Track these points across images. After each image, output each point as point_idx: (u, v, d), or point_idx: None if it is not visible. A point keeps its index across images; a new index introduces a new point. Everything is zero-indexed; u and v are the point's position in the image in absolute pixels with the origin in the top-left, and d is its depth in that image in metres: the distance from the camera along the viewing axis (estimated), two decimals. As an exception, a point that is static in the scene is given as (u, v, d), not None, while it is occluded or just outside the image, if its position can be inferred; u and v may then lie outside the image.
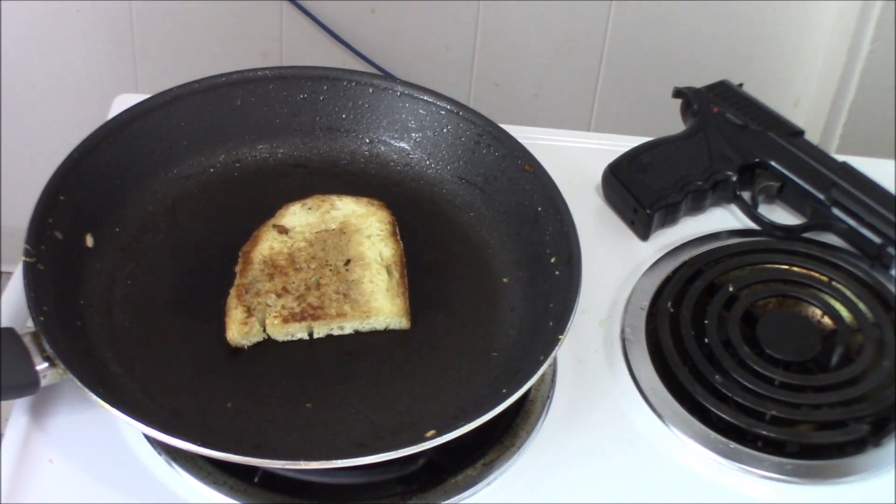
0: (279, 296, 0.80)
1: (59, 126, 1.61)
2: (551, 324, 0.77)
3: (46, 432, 0.75)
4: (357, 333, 0.80)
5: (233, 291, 0.80)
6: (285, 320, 0.79)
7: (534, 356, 0.75)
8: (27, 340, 0.72)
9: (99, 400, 0.68)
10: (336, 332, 0.80)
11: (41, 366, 0.71)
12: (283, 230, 0.84)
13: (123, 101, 0.98)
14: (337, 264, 0.82)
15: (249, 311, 0.79)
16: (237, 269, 0.82)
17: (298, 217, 0.85)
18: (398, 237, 0.85)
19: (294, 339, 0.79)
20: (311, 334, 0.79)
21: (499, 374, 0.78)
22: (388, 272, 0.82)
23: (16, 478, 0.73)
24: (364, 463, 0.68)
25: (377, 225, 0.85)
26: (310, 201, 0.86)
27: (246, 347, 0.79)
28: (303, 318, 0.79)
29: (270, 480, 0.74)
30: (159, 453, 0.75)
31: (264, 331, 0.79)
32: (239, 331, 0.78)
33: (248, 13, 1.51)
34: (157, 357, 0.77)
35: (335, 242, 0.84)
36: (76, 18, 1.52)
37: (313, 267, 0.82)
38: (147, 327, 0.79)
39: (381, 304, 0.80)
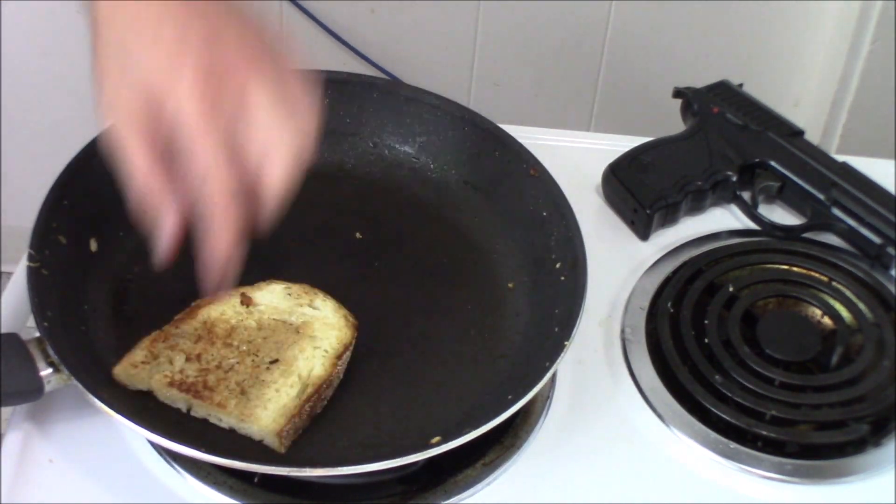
0: (188, 360, 0.75)
1: (59, 126, 1.60)
2: (557, 329, 0.77)
3: (47, 432, 0.75)
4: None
5: (153, 334, 0.76)
6: (171, 384, 0.74)
7: (539, 362, 0.75)
8: (31, 346, 0.71)
9: (104, 406, 0.68)
10: (213, 421, 0.74)
11: (45, 371, 0.71)
12: (247, 301, 0.79)
13: (124, 102, 0.98)
14: (263, 359, 0.77)
15: (153, 358, 0.75)
16: (177, 317, 0.78)
17: (273, 296, 0.80)
18: (341, 362, 0.77)
19: (173, 406, 0.74)
20: (189, 409, 0.74)
21: (504, 379, 0.78)
22: (302, 390, 0.75)
23: (16, 478, 0.73)
24: (368, 470, 0.68)
25: (332, 342, 0.78)
26: (295, 288, 0.81)
27: (127, 388, 0.74)
28: (187, 391, 0.74)
29: (270, 481, 0.73)
30: (159, 454, 0.75)
31: (149, 383, 0.75)
32: (125, 371, 0.74)
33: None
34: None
35: (281, 338, 0.78)
36: (76, 18, 1.52)
37: (242, 349, 0.77)
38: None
39: (264, 415, 0.73)
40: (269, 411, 0.73)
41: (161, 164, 0.65)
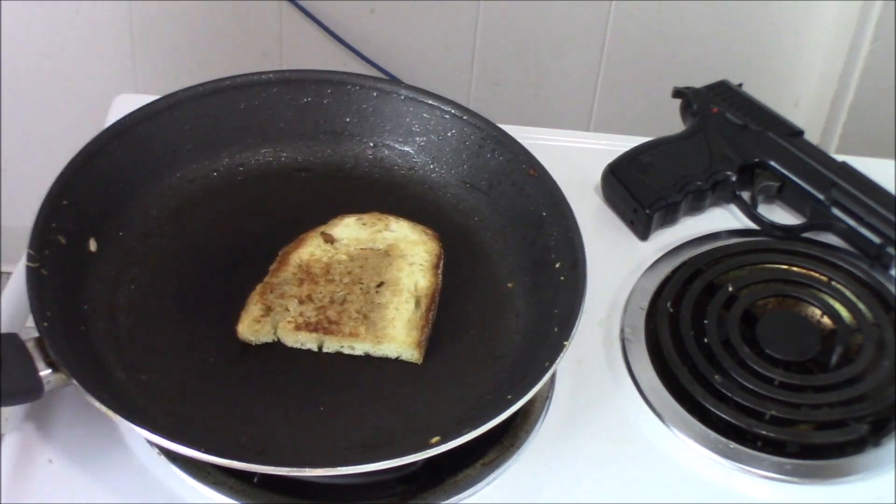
0: (301, 302, 0.79)
1: (59, 126, 1.61)
2: (556, 329, 0.77)
3: (46, 432, 0.75)
4: (367, 355, 0.80)
5: (259, 287, 0.80)
6: (298, 328, 0.78)
7: (539, 362, 0.75)
8: (30, 346, 0.71)
9: (103, 407, 0.68)
10: (346, 351, 0.79)
11: (44, 371, 0.71)
12: (329, 239, 0.83)
13: (123, 101, 0.98)
14: (369, 284, 0.81)
15: (267, 310, 0.79)
16: (271, 267, 0.82)
17: (350, 230, 0.85)
18: (439, 272, 0.84)
19: (303, 347, 0.79)
20: (320, 347, 0.79)
21: (504, 379, 0.78)
22: (417, 304, 0.81)
23: (16, 478, 0.73)
24: (368, 470, 0.68)
25: (423, 255, 0.84)
26: (366, 217, 0.86)
27: (253, 344, 0.78)
28: (315, 330, 0.78)
29: (270, 480, 0.74)
30: (159, 454, 0.75)
31: (275, 333, 0.79)
32: (250, 327, 0.78)
33: (248, 13, 1.51)
34: (161, 362, 0.77)
35: (376, 263, 0.83)
36: (76, 18, 1.52)
37: (345, 282, 0.81)
38: (151, 332, 0.79)
39: (397, 333, 0.79)
40: (398, 329, 0.79)
41: None
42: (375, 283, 0.82)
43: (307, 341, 0.78)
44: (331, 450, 0.73)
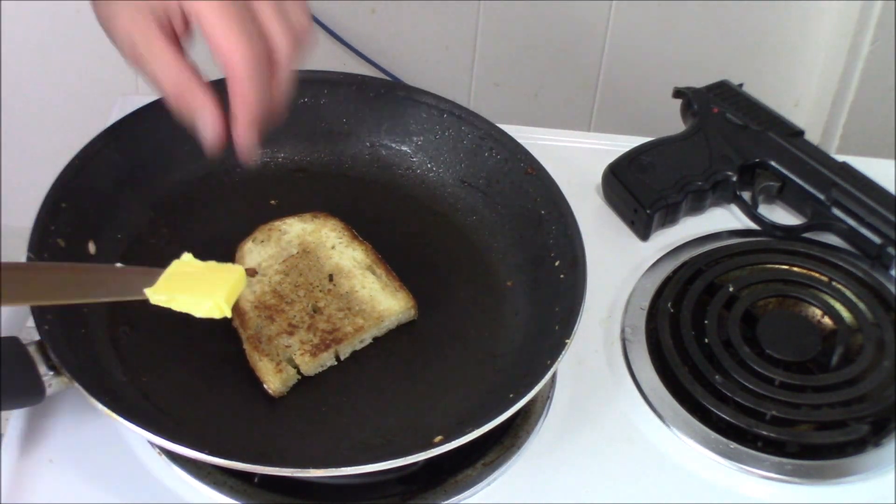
0: (290, 333, 0.78)
1: (59, 126, 1.60)
2: (557, 327, 0.77)
3: (47, 432, 0.75)
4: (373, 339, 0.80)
5: (246, 349, 0.78)
6: (313, 354, 0.77)
7: (540, 360, 0.75)
8: (31, 350, 0.71)
9: (106, 409, 0.68)
10: (358, 347, 0.79)
11: (46, 375, 0.71)
12: (252, 273, 0.80)
13: (123, 102, 0.98)
14: (323, 284, 0.81)
15: (276, 358, 0.77)
16: (235, 324, 0.79)
17: (257, 254, 0.83)
18: (360, 238, 0.84)
19: (325, 368, 0.78)
20: (338, 358, 0.78)
21: (505, 378, 0.77)
22: (373, 272, 0.82)
23: (16, 478, 0.73)
24: (370, 470, 0.68)
25: (333, 235, 0.84)
26: (258, 234, 0.84)
27: (286, 394, 0.76)
28: (327, 347, 0.77)
29: (270, 480, 0.74)
30: (159, 454, 0.75)
31: (298, 372, 0.77)
32: (278, 379, 0.76)
33: (249, 13, 1.51)
34: (162, 364, 0.77)
35: (307, 265, 0.82)
36: (76, 18, 1.52)
37: (302, 295, 0.80)
38: (150, 334, 0.78)
39: (388, 305, 0.80)
40: (385, 300, 0.80)
41: (184, 58, 0.67)
42: (325, 279, 0.81)
43: (327, 360, 0.78)
44: (333, 450, 0.73)
